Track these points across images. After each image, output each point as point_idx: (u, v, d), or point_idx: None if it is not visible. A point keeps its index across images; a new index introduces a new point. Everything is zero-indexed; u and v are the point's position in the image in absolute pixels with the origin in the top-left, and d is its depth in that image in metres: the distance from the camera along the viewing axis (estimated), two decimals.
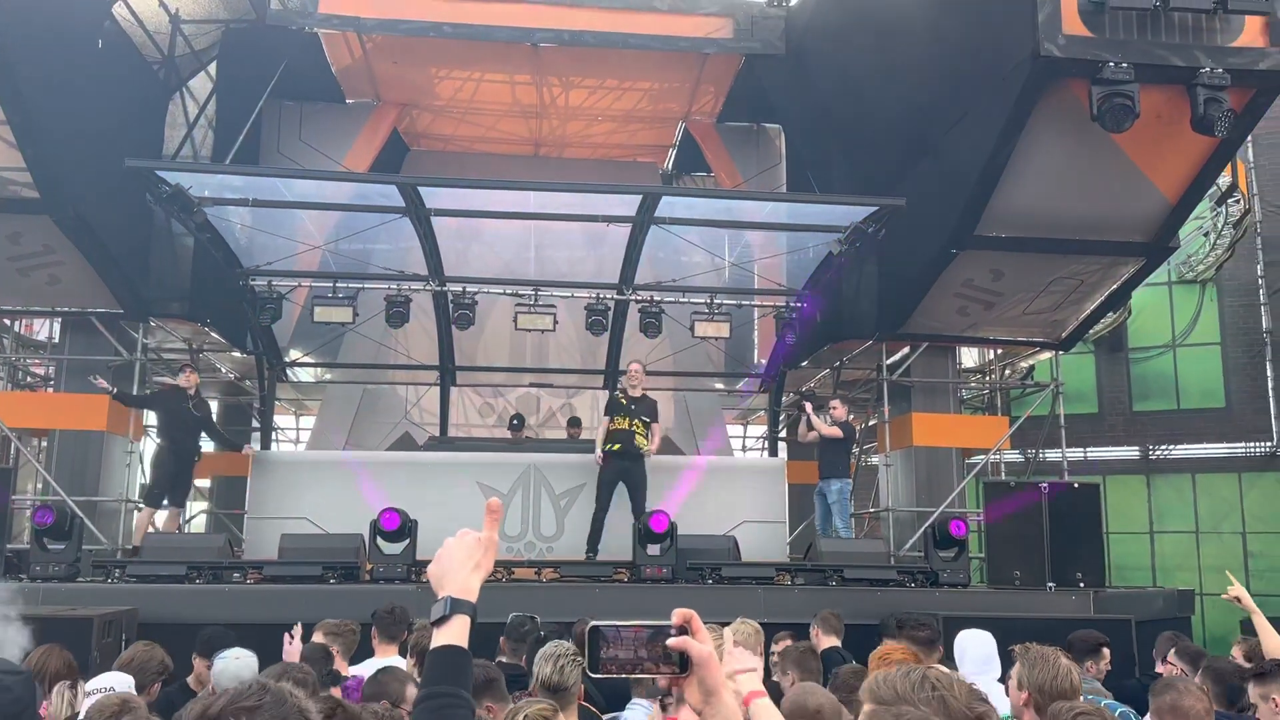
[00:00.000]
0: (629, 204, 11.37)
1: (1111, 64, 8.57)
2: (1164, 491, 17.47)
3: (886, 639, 5.80)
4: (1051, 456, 14.53)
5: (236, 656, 4.78)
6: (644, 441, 10.46)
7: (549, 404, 15.79)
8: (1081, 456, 17.06)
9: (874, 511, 14.14)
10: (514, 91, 15.01)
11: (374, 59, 14.21)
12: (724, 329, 12.31)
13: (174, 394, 11.23)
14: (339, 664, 5.26)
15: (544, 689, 3.76)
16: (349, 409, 15.33)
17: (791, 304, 12.82)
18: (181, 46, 12.52)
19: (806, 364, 14.32)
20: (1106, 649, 6.20)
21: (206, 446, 12.13)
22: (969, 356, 16.23)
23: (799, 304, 12.82)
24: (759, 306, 13.73)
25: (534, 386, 15.31)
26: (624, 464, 10.47)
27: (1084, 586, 9.60)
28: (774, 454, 14.54)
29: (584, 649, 1.64)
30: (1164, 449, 17.48)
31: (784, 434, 14.83)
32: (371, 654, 5.78)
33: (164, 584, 8.71)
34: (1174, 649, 5.49)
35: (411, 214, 11.38)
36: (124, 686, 4.27)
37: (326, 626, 5.61)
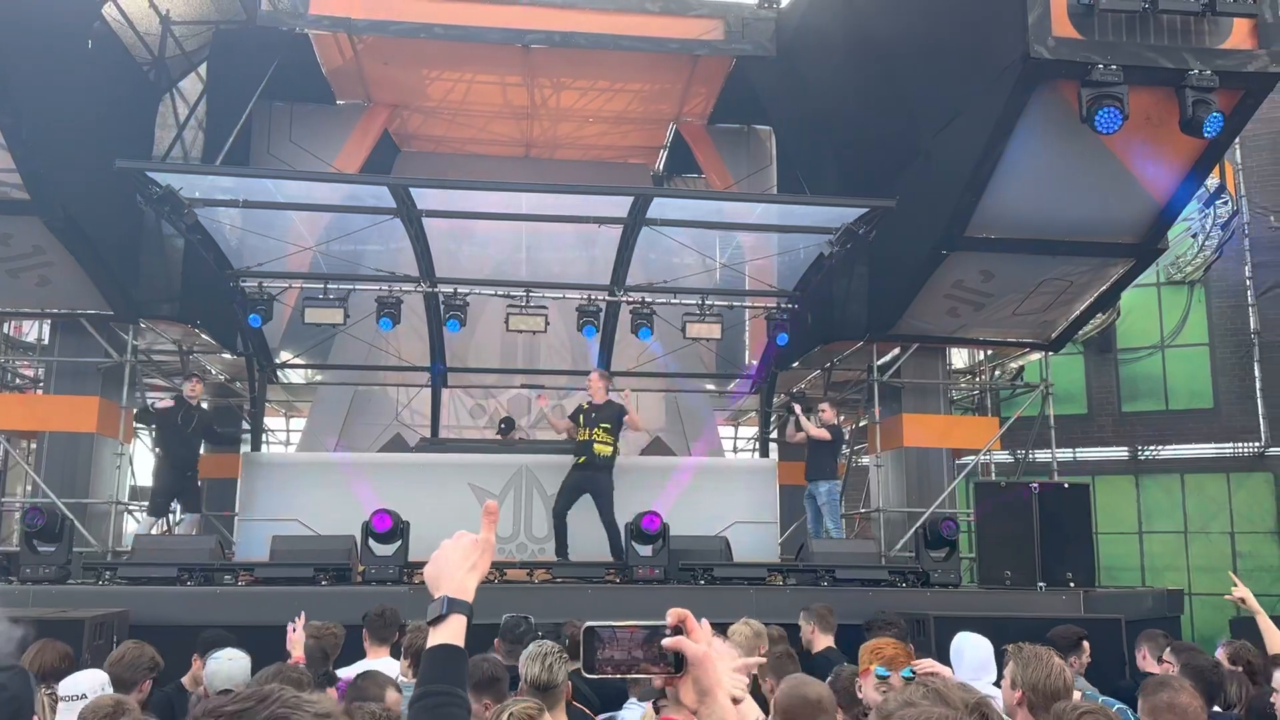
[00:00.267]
0: (620, 205, 11.38)
1: (1101, 66, 8.62)
2: (1153, 492, 17.54)
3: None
4: (1041, 457, 14.59)
5: (230, 658, 4.78)
6: (605, 448, 10.50)
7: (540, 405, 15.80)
8: (1071, 457, 17.13)
9: (865, 512, 14.18)
10: (505, 93, 15.01)
11: (365, 60, 14.20)
12: (715, 330, 12.32)
13: (178, 407, 11.20)
14: None
15: (533, 688, 3.76)
16: (340, 410, 15.30)
17: (783, 305, 12.85)
18: (172, 47, 12.48)
19: (797, 365, 14.35)
20: (1086, 642, 6.26)
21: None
22: (959, 357, 16.28)
23: (792, 306, 12.85)
24: (750, 308, 13.76)
25: (525, 388, 15.30)
26: (587, 473, 10.54)
27: (1074, 586, 9.64)
28: (765, 455, 14.57)
29: (579, 650, 1.64)
30: (1153, 449, 17.56)
31: (775, 435, 14.87)
32: (363, 656, 5.78)
33: (155, 586, 8.69)
34: (1169, 648, 5.50)
35: (403, 215, 11.37)
36: (95, 688, 4.21)
37: (309, 630, 5.61)
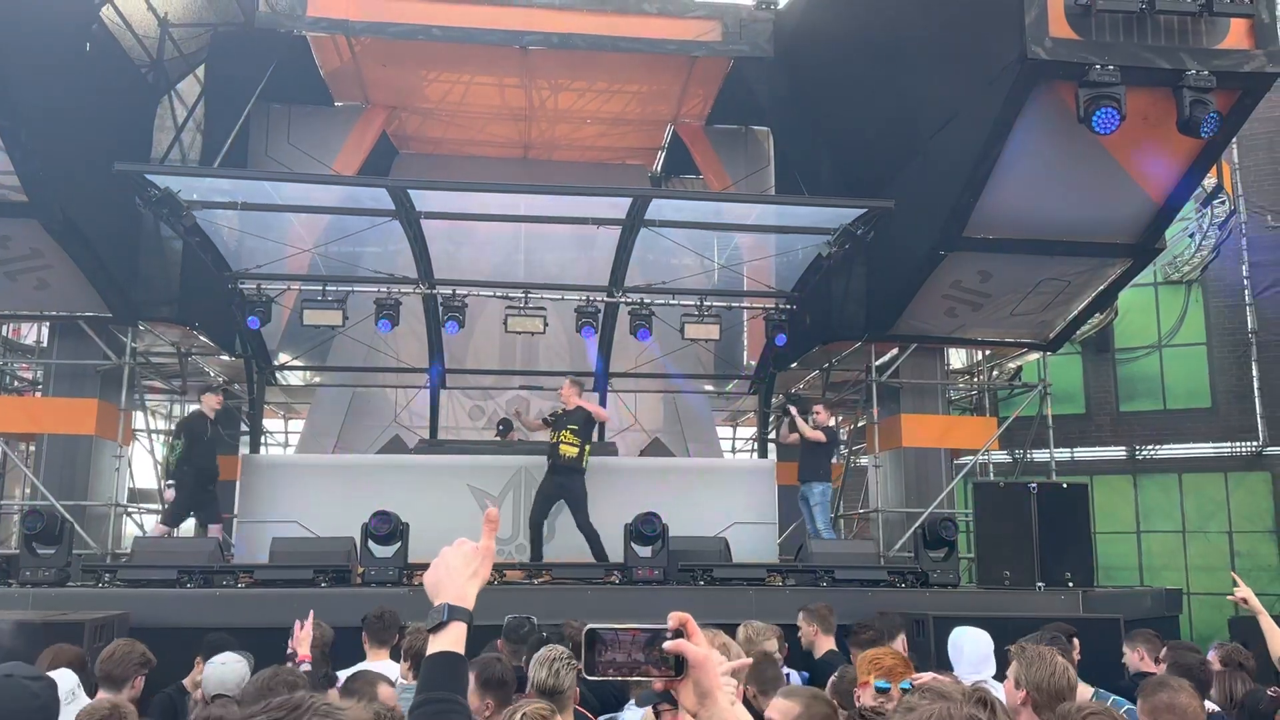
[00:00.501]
0: (618, 207, 11.40)
1: (1098, 66, 8.63)
2: (1151, 491, 17.57)
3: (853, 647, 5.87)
4: (1040, 457, 14.61)
5: (223, 662, 4.79)
6: (570, 449, 10.48)
7: (539, 406, 15.79)
8: (1069, 457, 17.14)
9: (864, 512, 14.19)
10: (503, 94, 15.03)
11: (363, 62, 14.21)
12: (714, 331, 12.34)
13: (197, 419, 11.14)
14: None
15: (540, 693, 3.78)
16: (339, 412, 15.32)
17: (781, 305, 12.86)
18: (170, 50, 12.48)
19: (796, 365, 14.37)
20: (1076, 639, 6.29)
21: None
22: (957, 358, 16.29)
23: (790, 306, 12.86)
24: (749, 308, 13.77)
25: (524, 389, 15.31)
26: (557, 478, 10.56)
27: (1073, 586, 9.64)
28: (764, 455, 14.59)
29: (580, 652, 1.65)
30: (1151, 449, 17.58)
31: (773, 436, 14.88)
32: (363, 658, 5.78)
33: (155, 588, 8.68)
34: (1165, 647, 5.50)
35: (401, 217, 11.38)
36: (70, 688, 4.21)
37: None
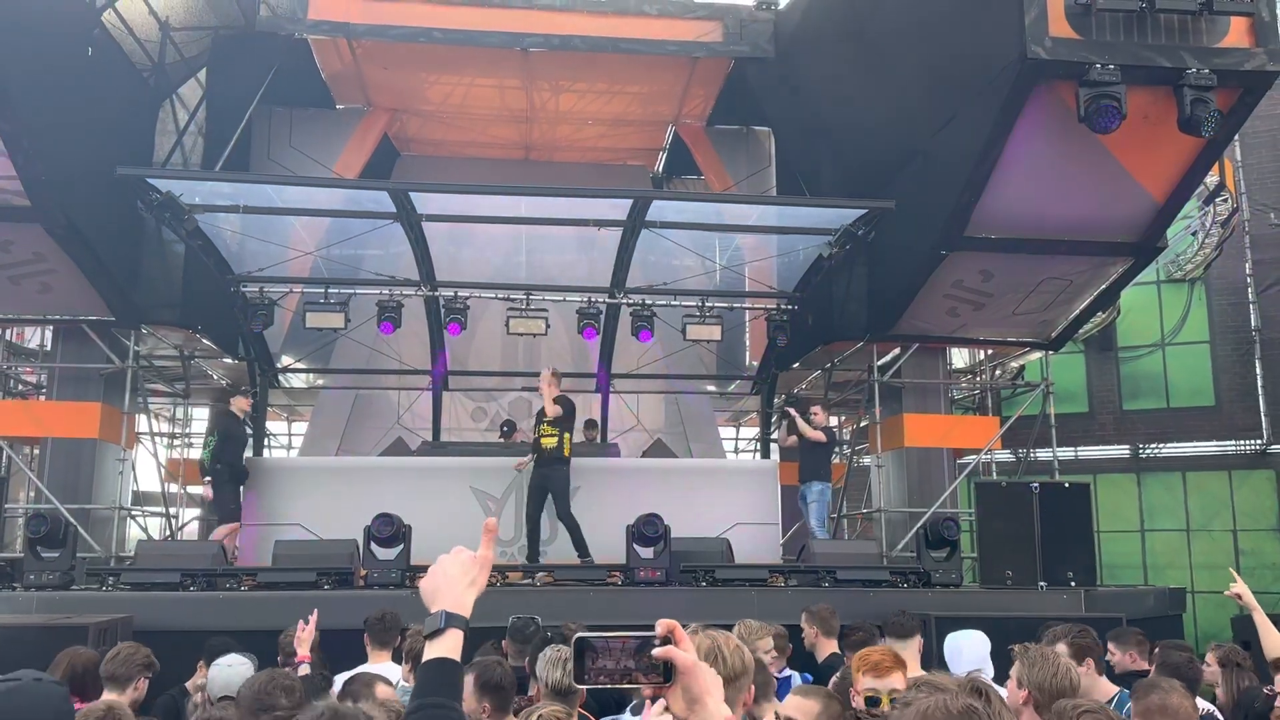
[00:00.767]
0: (620, 208, 11.41)
1: (1098, 65, 8.63)
2: (1154, 490, 17.55)
3: (886, 636, 5.83)
4: (1043, 456, 14.60)
5: (229, 664, 4.82)
6: (550, 440, 10.52)
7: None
8: (1072, 456, 17.13)
9: (866, 512, 14.18)
10: (504, 96, 15.03)
11: (364, 64, 14.22)
12: (715, 332, 12.35)
13: (232, 420, 11.16)
14: None
15: (553, 693, 3.75)
16: (341, 414, 15.33)
17: (783, 306, 12.87)
18: (171, 53, 12.50)
19: (798, 366, 14.37)
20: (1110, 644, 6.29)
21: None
22: (959, 357, 16.29)
23: (792, 307, 12.86)
24: (750, 309, 13.77)
25: (526, 390, 15.32)
26: (541, 470, 10.61)
27: (1075, 585, 9.65)
28: (766, 456, 14.59)
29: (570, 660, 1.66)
30: (1154, 447, 17.56)
31: (775, 437, 14.88)
32: (365, 660, 5.79)
33: (158, 591, 8.70)
34: (1156, 648, 5.48)
35: (403, 219, 11.39)
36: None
37: (284, 638, 5.73)
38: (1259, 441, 16.71)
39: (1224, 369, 17.42)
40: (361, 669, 5.44)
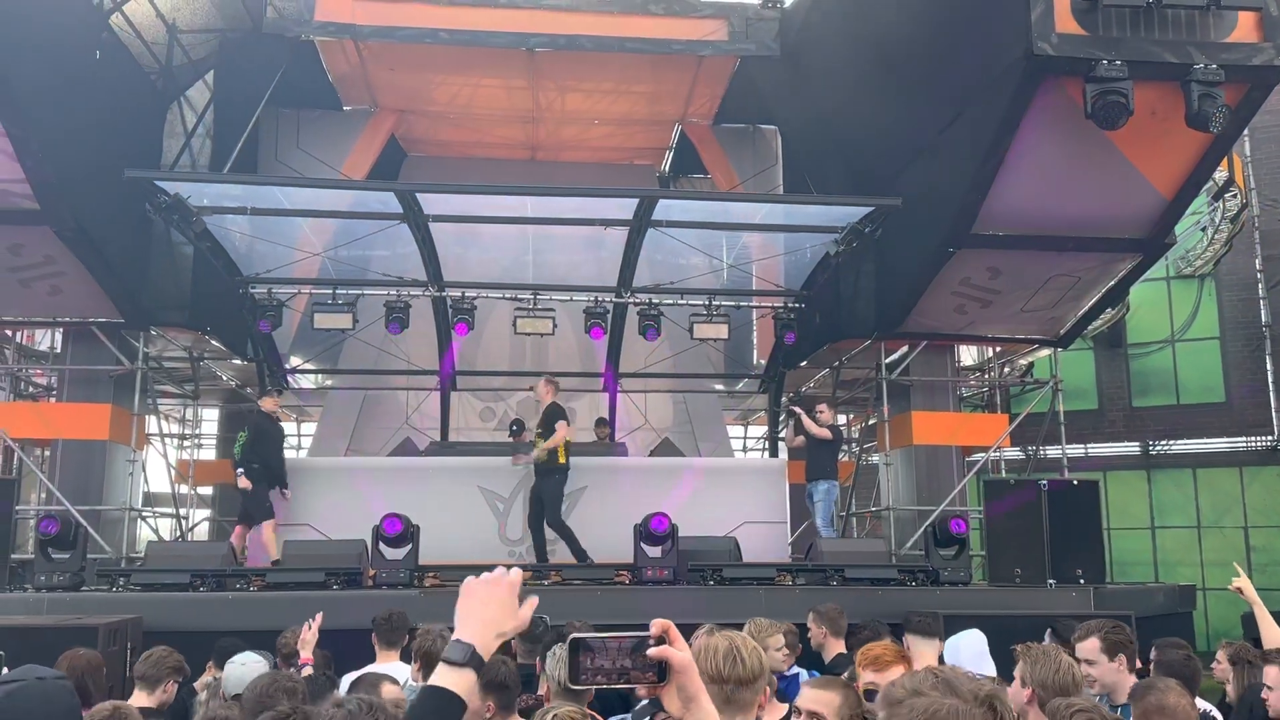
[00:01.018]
0: (626, 207, 11.42)
1: (1105, 61, 8.59)
2: (1165, 487, 17.50)
3: (908, 634, 5.80)
4: (1052, 453, 14.56)
5: (243, 663, 4.86)
6: (539, 452, 10.57)
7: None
8: (1082, 453, 17.09)
9: (875, 511, 14.16)
10: (510, 96, 15.05)
11: (370, 66, 14.25)
12: (722, 330, 12.35)
13: (263, 418, 11.14)
14: None
15: (564, 691, 3.76)
16: (350, 415, 15.37)
17: (790, 304, 12.85)
18: (179, 56, 12.55)
19: (805, 364, 14.35)
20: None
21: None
22: (968, 354, 16.26)
23: (799, 305, 12.85)
24: (757, 307, 13.76)
25: (534, 390, 15.34)
26: (536, 479, 10.71)
27: (1084, 583, 9.62)
28: (774, 455, 14.57)
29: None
30: (1164, 444, 17.51)
31: (783, 436, 14.87)
32: (373, 659, 5.81)
33: (168, 592, 8.74)
34: (1153, 647, 5.44)
35: (410, 220, 11.42)
36: None
37: (284, 640, 5.76)
38: (1270, 438, 16.65)
39: (1234, 365, 17.36)
40: (369, 669, 5.46)
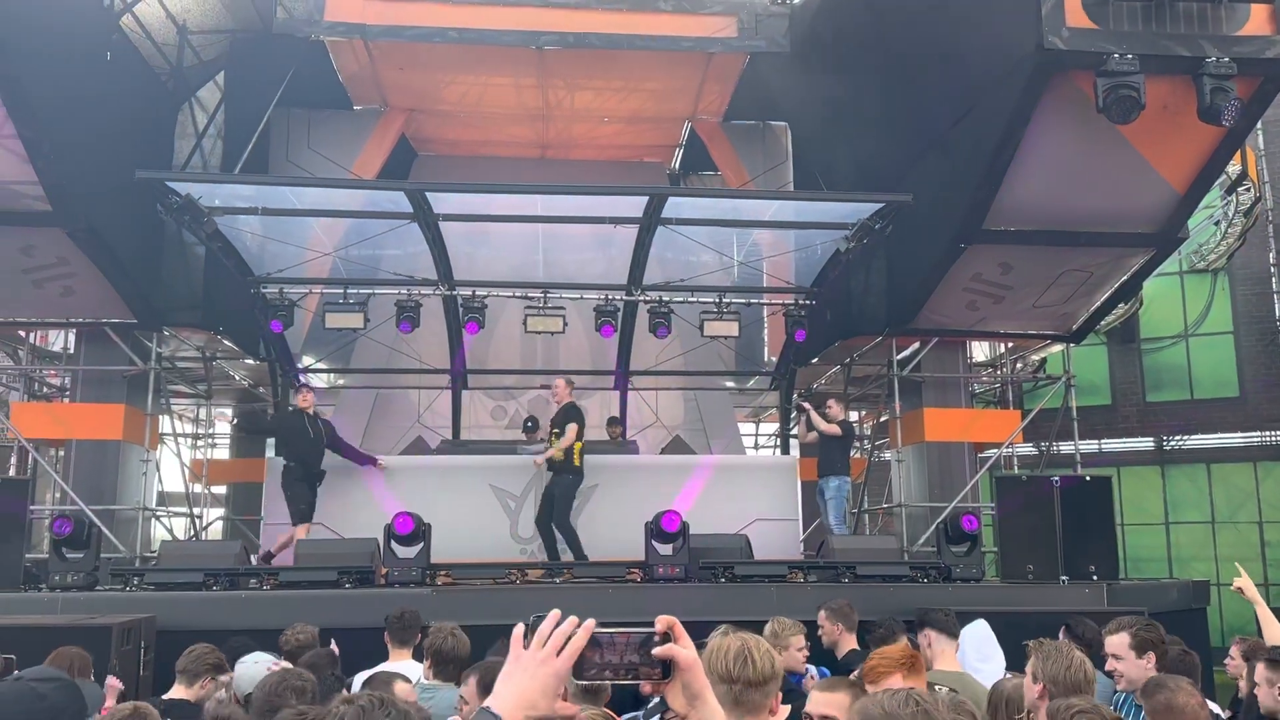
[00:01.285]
0: (635, 205, 11.41)
1: (1116, 55, 8.56)
2: (1179, 482, 17.41)
3: (929, 629, 5.75)
4: (1065, 449, 14.50)
5: (256, 661, 4.88)
6: (554, 452, 10.55)
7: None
8: (1096, 448, 17.02)
9: (887, 507, 14.13)
10: (520, 95, 15.04)
11: (380, 65, 14.26)
12: (733, 328, 12.33)
13: (294, 415, 11.08)
14: None
15: (581, 692, 3.76)
16: (362, 414, 15.39)
17: (801, 301, 12.83)
18: (189, 57, 12.61)
19: (817, 361, 14.32)
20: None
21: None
22: (980, 350, 16.21)
23: (810, 302, 12.82)
24: (768, 304, 13.74)
25: (545, 388, 15.35)
26: (549, 478, 10.73)
27: (1097, 579, 9.58)
28: (786, 452, 14.55)
29: None
30: (1178, 439, 17.42)
31: (795, 432, 14.84)
32: (386, 658, 5.82)
33: (181, 591, 8.77)
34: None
35: (419, 219, 11.44)
36: None
37: (290, 638, 5.82)
38: None
39: (1248, 359, 17.26)
40: (382, 667, 5.48)
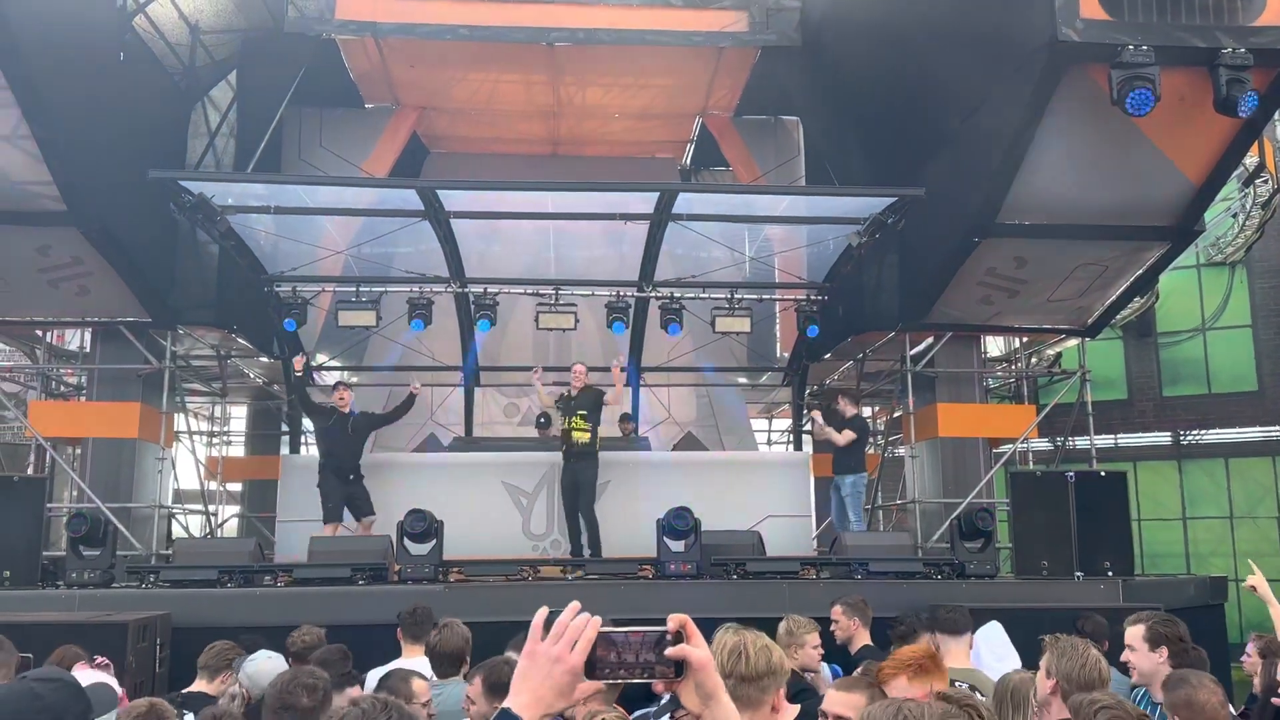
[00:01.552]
0: (646, 201, 11.40)
1: (1131, 47, 8.47)
2: (1196, 477, 17.28)
3: (936, 631, 5.71)
4: (1081, 444, 14.39)
5: (269, 657, 4.94)
6: (583, 435, 10.60)
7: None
8: (1112, 443, 16.91)
9: (901, 503, 14.07)
10: (530, 92, 15.05)
11: (391, 63, 14.29)
12: (745, 324, 12.30)
13: (330, 413, 11.10)
14: None
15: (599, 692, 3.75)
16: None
17: (813, 297, 12.79)
18: (202, 56, 12.64)
19: (829, 357, 14.27)
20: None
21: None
22: (994, 345, 16.11)
23: (822, 298, 12.78)
24: (780, 300, 13.70)
25: (557, 385, 15.35)
26: (573, 466, 10.69)
27: (1112, 575, 9.52)
28: (798, 448, 14.52)
29: None
30: (1196, 434, 17.28)
31: (809, 428, 14.80)
32: (399, 654, 5.83)
33: (196, 588, 8.82)
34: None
35: (430, 217, 11.46)
36: None
37: (299, 640, 5.83)
38: None
39: (1267, 353, 17.10)
40: (395, 664, 5.49)
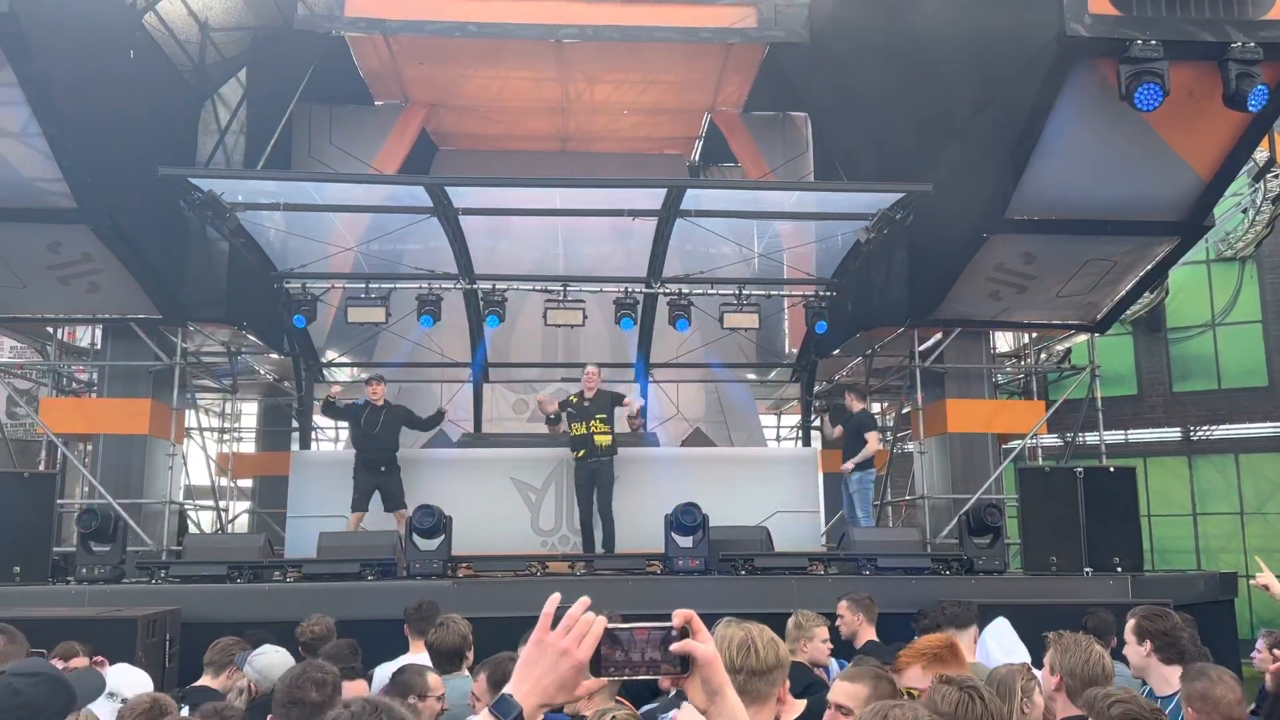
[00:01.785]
0: (654, 197, 11.40)
1: (1140, 42, 8.45)
2: (1206, 473, 17.22)
3: (944, 626, 5.74)
4: (1091, 439, 14.35)
5: (277, 650, 4.98)
6: (605, 438, 10.68)
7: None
8: (1122, 439, 16.85)
9: (910, 499, 14.05)
10: (539, 88, 15.05)
11: (401, 60, 14.31)
12: (753, 320, 12.30)
13: (362, 408, 11.17)
14: None
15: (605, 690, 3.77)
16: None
17: (821, 293, 12.77)
18: (212, 54, 12.69)
19: (838, 352, 14.26)
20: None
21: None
22: (1003, 341, 16.06)
23: (830, 293, 12.76)
24: (788, 296, 13.69)
25: (566, 381, 15.38)
26: (590, 466, 10.74)
27: (1121, 571, 9.50)
28: (807, 444, 14.50)
29: None
30: (1206, 429, 17.22)
31: (818, 424, 14.78)
32: (406, 650, 5.86)
33: (206, 584, 8.87)
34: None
35: (439, 214, 11.48)
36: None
37: (310, 629, 5.91)
38: None
39: (1277, 348, 17.03)
40: (404, 659, 5.53)
